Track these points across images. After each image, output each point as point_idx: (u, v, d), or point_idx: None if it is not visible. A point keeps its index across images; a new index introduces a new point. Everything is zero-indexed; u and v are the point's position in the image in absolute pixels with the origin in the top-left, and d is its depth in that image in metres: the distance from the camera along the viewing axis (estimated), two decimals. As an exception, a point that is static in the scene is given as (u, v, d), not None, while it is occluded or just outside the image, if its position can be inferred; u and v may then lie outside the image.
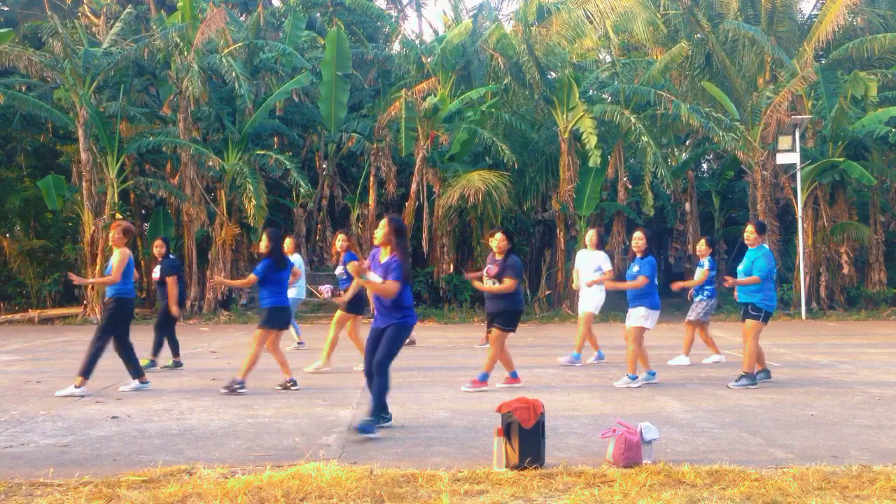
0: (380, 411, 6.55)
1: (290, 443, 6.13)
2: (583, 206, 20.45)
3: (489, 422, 6.47)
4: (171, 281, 10.39)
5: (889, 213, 22.10)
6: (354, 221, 22.03)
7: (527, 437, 5.30)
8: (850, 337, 14.99)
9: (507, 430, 5.34)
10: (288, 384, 8.74)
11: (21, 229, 22.34)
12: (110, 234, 8.82)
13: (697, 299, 10.82)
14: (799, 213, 20.07)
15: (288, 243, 10.89)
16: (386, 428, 6.55)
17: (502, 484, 4.90)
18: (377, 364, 6.52)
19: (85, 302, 19.60)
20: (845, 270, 20.80)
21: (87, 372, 8.46)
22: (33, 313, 19.68)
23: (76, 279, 9.50)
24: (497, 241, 8.71)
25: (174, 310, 10.32)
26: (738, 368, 10.05)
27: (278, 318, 8.75)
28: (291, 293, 10.05)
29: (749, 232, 8.93)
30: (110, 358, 11.39)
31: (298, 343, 12.86)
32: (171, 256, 10.75)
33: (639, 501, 4.57)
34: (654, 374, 9.13)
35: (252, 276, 8.77)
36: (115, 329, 8.69)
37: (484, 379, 8.61)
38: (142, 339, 10.77)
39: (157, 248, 10.62)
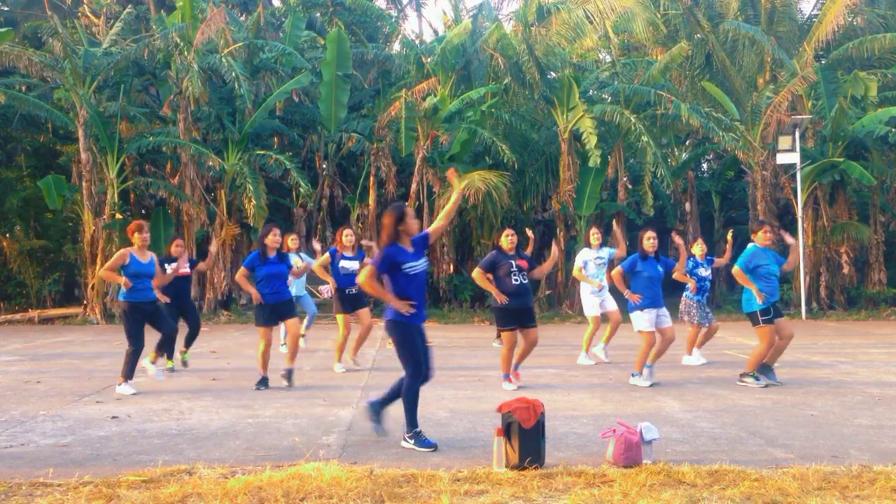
0: None
1: (290, 443, 6.13)
2: (583, 206, 20.46)
3: (489, 422, 6.47)
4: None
5: (889, 213, 22.10)
6: (354, 221, 22.03)
7: (527, 437, 5.29)
8: (850, 337, 14.98)
9: (507, 430, 5.34)
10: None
11: (21, 229, 22.34)
12: (144, 237, 8.54)
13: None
14: (799, 213, 20.08)
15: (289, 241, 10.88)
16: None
17: (502, 484, 4.90)
18: None
19: (85, 302, 19.60)
20: (845, 270, 20.80)
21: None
22: (33, 313, 19.67)
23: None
24: (510, 237, 8.65)
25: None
26: (735, 369, 10.06)
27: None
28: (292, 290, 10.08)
29: (768, 232, 8.93)
30: (109, 358, 11.40)
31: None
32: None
33: (639, 501, 4.57)
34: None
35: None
36: None
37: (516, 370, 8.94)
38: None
39: (178, 247, 10.54)
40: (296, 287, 11.23)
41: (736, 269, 8.83)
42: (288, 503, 4.57)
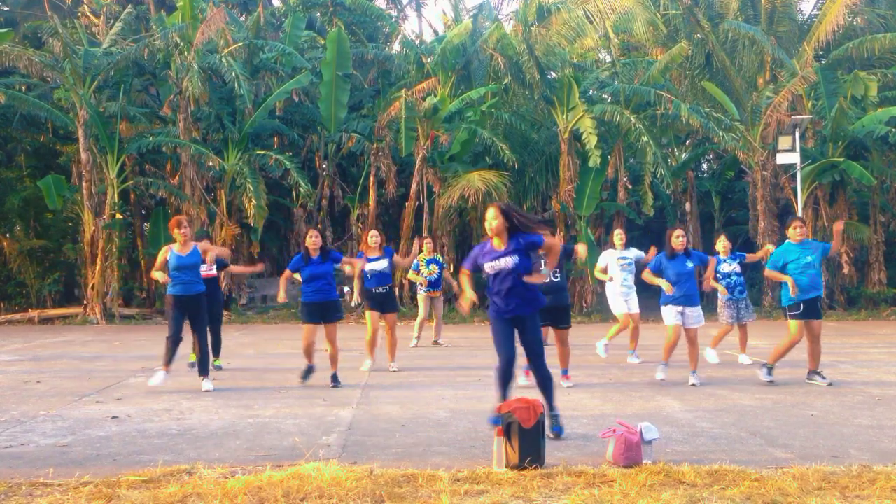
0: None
1: (290, 443, 6.13)
2: (583, 206, 20.46)
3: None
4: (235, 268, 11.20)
5: (889, 213, 22.10)
6: (354, 221, 22.03)
7: (527, 437, 5.29)
8: (850, 337, 14.99)
9: (507, 430, 5.34)
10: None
11: (21, 229, 22.34)
12: (182, 231, 8.65)
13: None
14: (799, 213, 20.06)
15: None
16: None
17: (502, 484, 4.90)
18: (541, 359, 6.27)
19: (85, 302, 19.60)
20: (845, 270, 20.80)
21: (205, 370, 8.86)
22: (33, 313, 19.67)
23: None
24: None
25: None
26: (736, 369, 10.07)
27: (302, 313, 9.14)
28: None
29: (799, 227, 8.90)
30: (109, 358, 11.42)
31: None
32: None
33: (639, 501, 4.56)
34: (666, 366, 9.22)
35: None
36: None
37: (565, 374, 9.00)
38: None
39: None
40: None
41: (766, 272, 9.04)
42: (288, 503, 4.57)
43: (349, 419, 7.06)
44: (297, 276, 9.06)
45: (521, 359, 6.45)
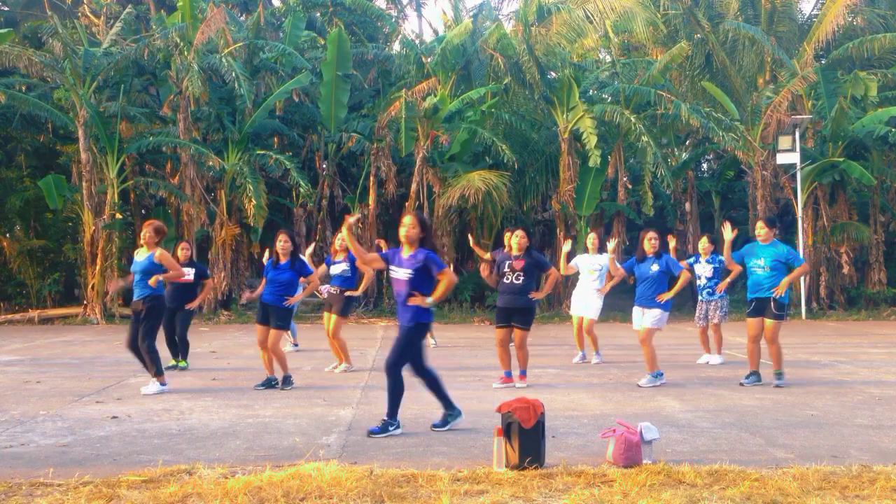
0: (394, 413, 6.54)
1: (290, 443, 6.13)
2: (583, 206, 20.46)
3: (489, 422, 6.47)
4: (209, 283, 10.92)
5: (889, 213, 22.11)
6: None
7: (527, 437, 5.29)
8: (850, 337, 14.99)
9: (507, 430, 5.34)
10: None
11: (21, 229, 22.33)
12: (143, 234, 8.61)
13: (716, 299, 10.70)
14: (799, 213, 20.09)
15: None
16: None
17: (502, 484, 4.90)
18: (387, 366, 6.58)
19: (85, 302, 19.60)
20: (845, 270, 20.81)
21: (160, 370, 8.58)
22: (33, 313, 19.66)
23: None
24: (518, 238, 8.73)
25: (194, 305, 10.41)
26: (736, 368, 10.07)
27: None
28: None
29: (759, 228, 8.87)
30: (109, 358, 11.42)
31: (293, 344, 12.82)
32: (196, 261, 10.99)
33: (639, 501, 4.56)
34: (661, 375, 9.09)
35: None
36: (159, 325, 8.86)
37: (521, 374, 8.95)
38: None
39: (185, 250, 10.55)
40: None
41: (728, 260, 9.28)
42: (288, 503, 4.57)
43: (349, 419, 7.06)
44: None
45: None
